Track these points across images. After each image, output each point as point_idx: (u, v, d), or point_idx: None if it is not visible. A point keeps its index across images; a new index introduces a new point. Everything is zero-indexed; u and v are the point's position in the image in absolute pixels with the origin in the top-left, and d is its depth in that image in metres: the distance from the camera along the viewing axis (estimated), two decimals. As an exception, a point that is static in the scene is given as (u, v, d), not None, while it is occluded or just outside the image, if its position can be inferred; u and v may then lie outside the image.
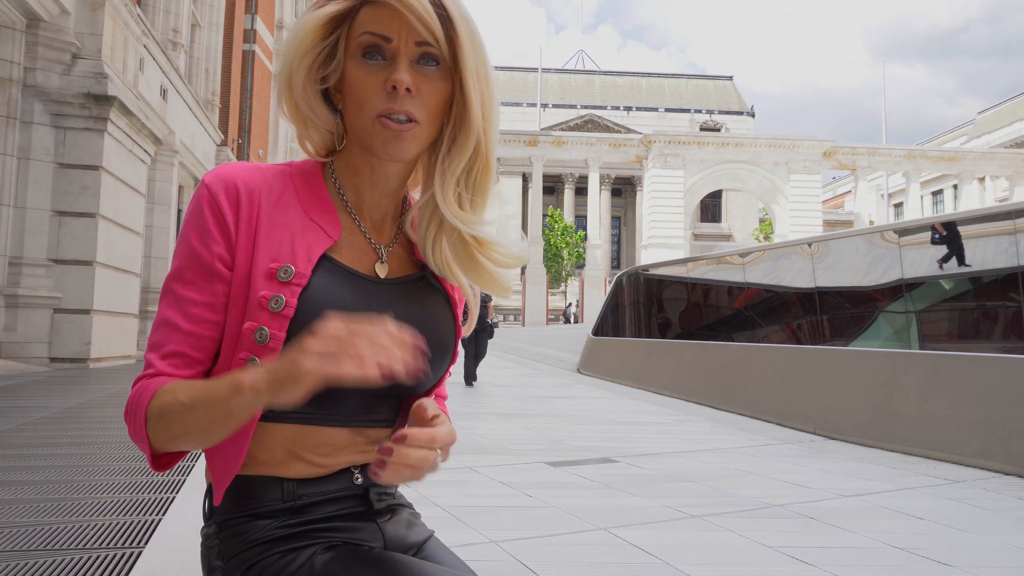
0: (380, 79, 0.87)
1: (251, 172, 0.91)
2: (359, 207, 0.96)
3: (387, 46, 0.87)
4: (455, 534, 2.92)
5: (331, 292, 0.88)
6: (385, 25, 0.87)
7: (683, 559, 2.76)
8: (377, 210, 0.97)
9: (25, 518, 2.41)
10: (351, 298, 0.89)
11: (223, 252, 0.87)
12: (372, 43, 0.87)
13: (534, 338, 23.48)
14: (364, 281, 0.92)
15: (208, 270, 0.87)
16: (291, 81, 0.91)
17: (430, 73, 0.89)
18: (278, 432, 0.88)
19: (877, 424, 6.17)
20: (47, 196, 9.19)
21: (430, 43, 0.87)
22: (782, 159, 39.30)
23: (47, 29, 9.17)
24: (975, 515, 3.76)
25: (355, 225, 0.95)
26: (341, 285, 0.89)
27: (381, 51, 0.87)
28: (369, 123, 0.88)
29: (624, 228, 57.28)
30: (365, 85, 0.88)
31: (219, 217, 0.87)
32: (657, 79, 63.67)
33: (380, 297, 0.92)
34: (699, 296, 11.26)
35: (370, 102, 0.87)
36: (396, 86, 0.86)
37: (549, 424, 6.78)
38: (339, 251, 0.92)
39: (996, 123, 48.25)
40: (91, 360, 9.33)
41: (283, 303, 0.85)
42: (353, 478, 0.92)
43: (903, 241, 6.90)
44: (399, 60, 0.87)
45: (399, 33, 0.87)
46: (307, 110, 0.93)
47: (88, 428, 4.57)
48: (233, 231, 0.87)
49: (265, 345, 0.84)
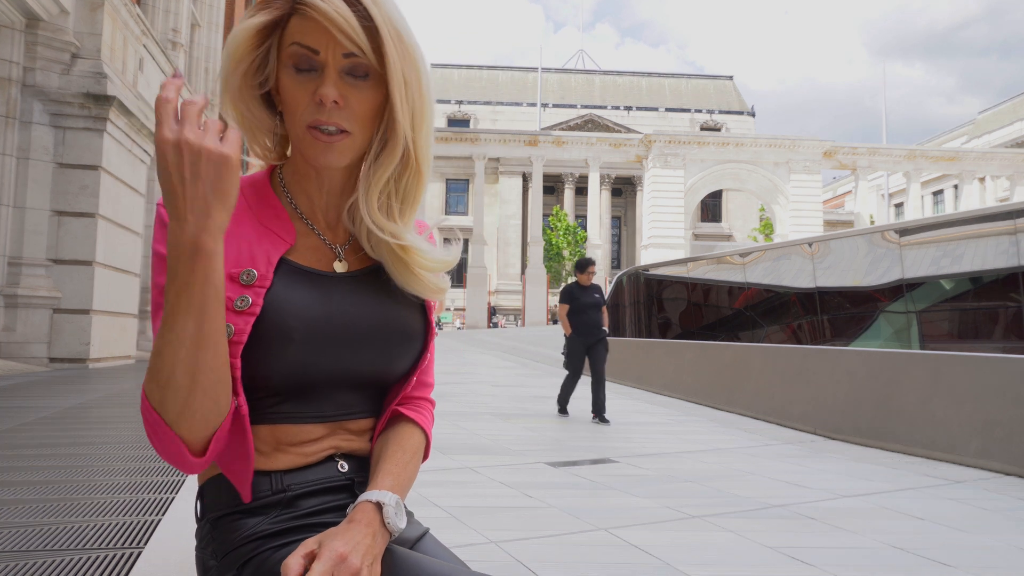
0: (309, 90, 0.88)
1: None
2: (311, 211, 0.98)
3: (315, 58, 0.88)
4: (455, 534, 2.92)
5: (293, 290, 0.91)
6: (312, 37, 0.87)
7: (683, 559, 2.76)
8: (331, 211, 0.98)
9: (25, 518, 2.41)
10: (312, 295, 0.91)
11: None
12: (301, 55, 0.89)
13: (534, 338, 23.47)
14: (323, 278, 0.94)
15: None
16: (227, 86, 0.93)
17: (360, 84, 0.89)
18: (259, 431, 0.91)
19: (877, 424, 6.17)
20: (46, 196, 9.19)
21: (356, 54, 0.88)
22: (782, 159, 39.31)
23: (46, 29, 9.17)
24: (975, 515, 3.75)
25: (309, 228, 0.97)
26: (301, 283, 0.92)
27: (311, 63, 0.88)
28: (301, 132, 0.90)
29: (624, 228, 57.29)
30: (295, 96, 0.89)
31: None
32: (657, 79, 63.70)
33: (341, 291, 0.94)
34: (699, 296, 11.26)
35: (300, 113, 0.89)
36: (323, 100, 0.87)
37: (549, 424, 6.78)
38: (296, 253, 0.94)
39: (997, 123, 48.25)
40: (90, 360, 9.33)
41: (248, 302, 0.87)
42: (338, 466, 0.95)
43: (904, 241, 6.90)
44: (327, 72, 0.88)
45: (326, 45, 0.87)
46: (247, 114, 0.95)
47: (88, 428, 4.57)
48: None
49: (230, 340, 0.86)
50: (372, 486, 0.90)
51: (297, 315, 0.89)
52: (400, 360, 0.97)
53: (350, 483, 0.95)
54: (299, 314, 0.89)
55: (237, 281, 0.88)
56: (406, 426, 0.99)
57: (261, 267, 0.90)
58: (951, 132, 54.52)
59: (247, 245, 0.91)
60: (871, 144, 40.44)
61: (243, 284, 0.88)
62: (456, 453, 4.83)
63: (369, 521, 0.84)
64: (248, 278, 0.88)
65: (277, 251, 0.92)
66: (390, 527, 0.86)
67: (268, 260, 0.91)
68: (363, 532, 0.83)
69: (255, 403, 0.90)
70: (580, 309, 7.19)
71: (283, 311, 0.88)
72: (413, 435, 0.99)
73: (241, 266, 0.89)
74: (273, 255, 0.91)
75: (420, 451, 1.00)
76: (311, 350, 0.89)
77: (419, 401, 1.03)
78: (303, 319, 0.89)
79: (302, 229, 0.96)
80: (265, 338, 0.87)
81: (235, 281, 0.88)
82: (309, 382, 0.91)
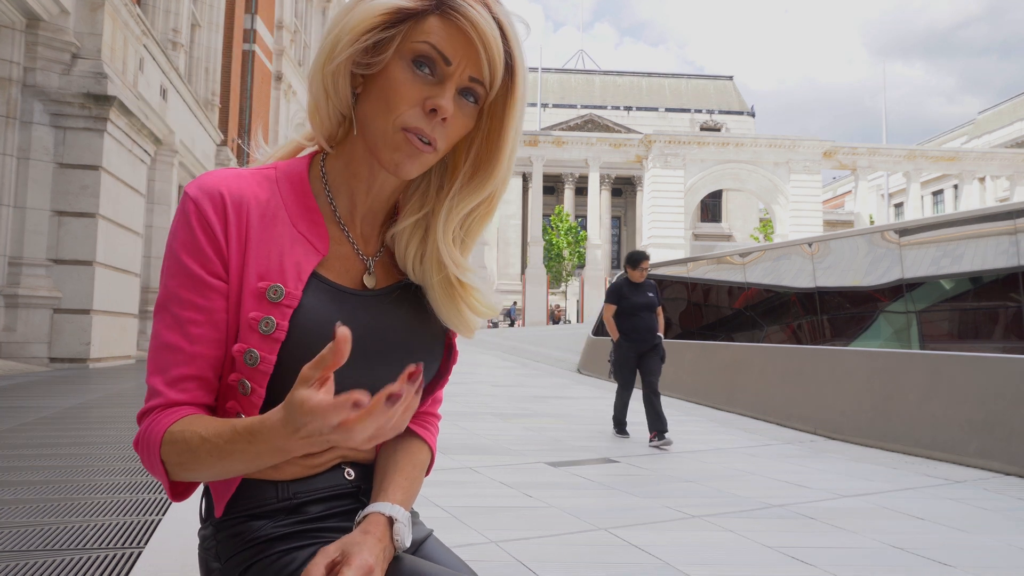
0: (422, 94, 0.83)
1: (236, 180, 0.88)
2: (350, 215, 0.93)
3: (444, 67, 0.84)
4: (455, 534, 2.92)
5: (321, 313, 0.86)
6: (450, 46, 0.83)
7: (683, 559, 2.76)
8: (369, 218, 0.94)
9: (25, 518, 2.41)
10: (341, 316, 0.87)
11: (217, 267, 0.84)
12: (429, 55, 0.83)
13: (534, 338, 23.47)
14: (353, 296, 0.90)
15: (204, 285, 0.84)
16: (333, 54, 0.86)
17: (466, 107, 0.86)
18: None
19: (877, 424, 6.17)
20: (47, 196, 9.18)
21: (482, 83, 0.85)
22: (782, 159, 39.29)
23: (47, 29, 9.16)
24: (975, 515, 3.76)
25: (343, 235, 0.92)
26: (330, 303, 0.87)
27: (433, 65, 0.84)
28: (391, 131, 0.84)
29: (624, 228, 57.28)
30: (403, 92, 0.84)
31: (209, 231, 0.84)
32: (657, 79, 63.69)
33: (368, 310, 0.91)
34: (699, 296, 11.26)
35: (402, 111, 0.84)
36: (437, 111, 0.83)
37: (549, 424, 6.78)
38: (327, 265, 0.90)
39: (996, 123, 48.24)
40: (91, 360, 9.33)
41: (274, 326, 0.83)
42: (345, 473, 0.94)
43: (903, 241, 6.90)
44: (448, 85, 0.84)
45: (460, 60, 0.83)
46: (331, 88, 0.88)
47: (88, 428, 4.57)
48: (224, 244, 0.84)
49: (256, 367, 0.84)
50: (383, 497, 0.89)
51: (324, 341, 0.83)
52: (427, 375, 0.96)
53: (356, 490, 0.94)
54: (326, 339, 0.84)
55: (264, 298, 0.84)
56: (415, 441, 0.99)
57: (291, 283, 0.85)
58: (951, 132, 54.52)
59: (277, 253, 0.86)
60: (871, 144, 40.43)
61: (270, 301, 0.84)
62: (456, 453, 4.83)
63: (382, 536, 0.84)
64: (276, 295, 0.84)
65: (309, 262, 0.87)
66: (397, 544, 0.86)
67: (298, 275, 0.86)
68: (379, 546, 0.83)
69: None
70: (631, 310, 6.15)
71: (309, 336, 0.83)
72: (422, 451, 0.99)
73: (269, 280, 0.85)
74: (304, 267, 0.87)
75: (425, 467, 1.00)
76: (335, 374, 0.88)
77: (428, 417, 1.03)
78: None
79: (336, 235, 0.92)
80: (287, 365, 0.83)
81: (262, 298, 0.84)
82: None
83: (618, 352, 6.28)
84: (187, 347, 0.84)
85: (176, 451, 0.80)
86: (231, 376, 0.85)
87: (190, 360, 0.84)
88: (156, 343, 0.85)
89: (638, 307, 6.14)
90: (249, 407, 0.85)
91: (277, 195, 0.89)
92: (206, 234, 0.84)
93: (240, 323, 0.84)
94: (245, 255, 0.85)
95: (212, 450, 0.77)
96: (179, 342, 0.84)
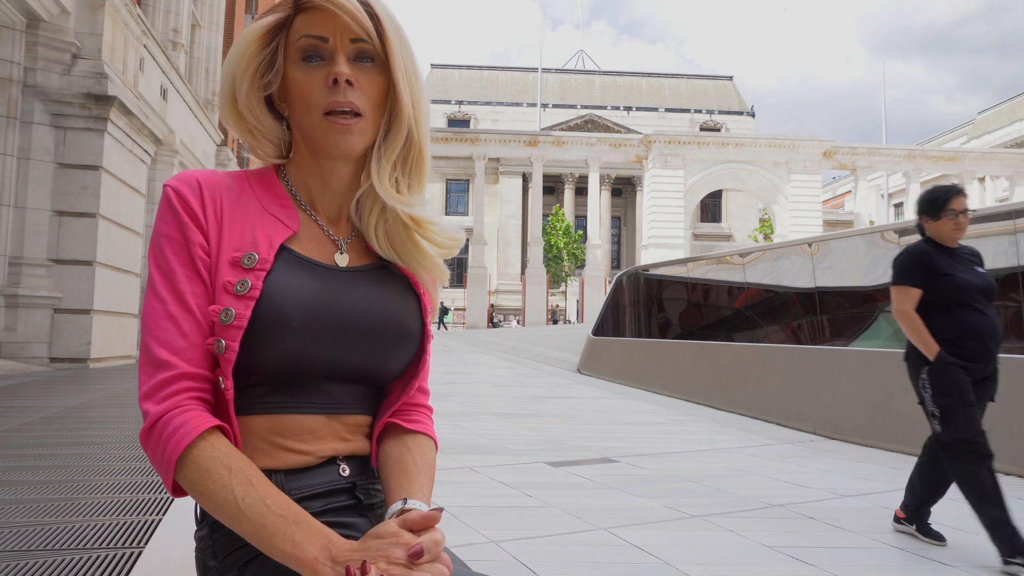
0: (321, 77, 0.92)
1: (210, 173, 0.96)
2: (313, 205, 1.00)
3: (324, 46, 0.92)
4: (455, 534, 2.92)
5: (293, 276, 0.91)
6: (320, 27, 0.92)
7: (683, 559, 2.76)
8: (332, 207, 1.00)
9: (25, 518, 2.41)
10: (312, 283, 0.92)
11: (199, 238, 0.91)
12: (310, 45, 0.93)
13: (534, 338, 23.47)
14: (325, 269, 0.95)
15: (194, 258, 0.90)
16: (235, 92, 0.96)
17: (366, 68, 0.93)
18: (254, 423, 0.91)
19: (877, 424, 6.17)
20: (47, 196, 9.19)
21: (364, 39, 0.92)
22: (782, 159, 39.30)
23: (47, 29, 9.17)
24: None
25: (312, 220, 0.99)
26: (301, 270, 0.93)
27: (319, 52, 0.93)
28: (317, 121, 0.92)
29: (624, 228, 57.27)
30: (308, 85, 0.92)
31: (189, 210, 0.91)
32: (657, 79, 63.68)
33: (341, 283, 0.95)
34: (699, 296, 11.26)
35: (315, 100, 0.92)
36: (337, 79, 0.91)
37: (549, 424, 6.78)
38: (298, 242, 0.96)
39: (996, 123, 48.25)
40: (91, 360, 9.33)
41: (248, 286, 0.89)
42: (340, 470, 0.95)
43: (903, 241, 6.90)
44: (337, 57, 0.92)
45: (334, 32, 0.92)
46: (252, 119, 0.97)
47: (88, 428, 4.57)
48: (202, 219, 0.91)
49: (230, 324, 0.87)
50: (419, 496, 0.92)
51: (295, 302, 0.90)
52: (395, 358, 0.97)
53: (351, 486, 0.96)
54: (297, 301, 0.90)
55: (239, 265, 0.90)
56: (424, 440, 1.01)
57: (263, 250, 0.91)
58: (951, 132, 54.53)
59: (250, 229, 0.93)
60: (871, 144, 40.44)
61: (244, 268, 0.90)
62: (456, 453, 4.83)
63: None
64: (249, 261, 0.90)
65: (279, 236, 0.94)
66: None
67: (270, 244, 0.92)
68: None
69: (245, 391, 0.90)
70: (954, 295, 3.27)
71: (282, 296, 0.89)
72: (432, 449, 1.02)
73: (243, 250, 0.91)
74: (275, 239, 0.93)
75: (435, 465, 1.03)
76: (307, 339, 0.90)
77: (422, 410, 1.04)
78: (301, 306, 0.90)
79: (305, 219, 0.98)
80: (261, 323, 0.88)
81: (236, 265, 0.90)
82: (302, 372, 0.91)
83: (940, 378, 3.25)
84: (186, 317, 0.88)
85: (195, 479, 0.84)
86: (208, 340, 0.89)
87: (192, 331, 0.88)
88: (154, 317, 0.89)
89: (967, 289, 3.27)
90: (224, 364, 0.88)
91: (248, 188, 0.97)
92: (187, 211, 0.91)
93: (216, 289, 0.90)
94: (221, 231, 0.92)
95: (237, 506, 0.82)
96: (178, 312, 0.88)
